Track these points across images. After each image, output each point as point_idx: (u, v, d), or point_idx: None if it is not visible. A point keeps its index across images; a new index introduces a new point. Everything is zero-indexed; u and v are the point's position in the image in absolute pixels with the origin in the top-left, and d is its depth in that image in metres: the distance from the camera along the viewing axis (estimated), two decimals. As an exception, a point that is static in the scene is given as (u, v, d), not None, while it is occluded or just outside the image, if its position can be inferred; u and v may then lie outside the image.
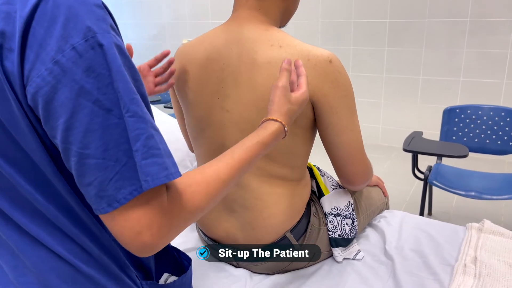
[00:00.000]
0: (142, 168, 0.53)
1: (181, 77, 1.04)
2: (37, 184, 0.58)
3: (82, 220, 0.62)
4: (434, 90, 3.47)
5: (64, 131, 0.52)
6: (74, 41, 0.51)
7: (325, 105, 0.92)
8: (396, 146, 3.56)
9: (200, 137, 1.06)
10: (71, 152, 0.53)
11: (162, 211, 0.57)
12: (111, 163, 0.52)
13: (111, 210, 0.54)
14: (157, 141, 0.56)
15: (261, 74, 0.91)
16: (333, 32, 3.70)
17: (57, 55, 0.50)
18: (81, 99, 0.51)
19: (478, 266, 1.00)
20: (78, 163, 0.53)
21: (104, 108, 0.52)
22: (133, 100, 0.54)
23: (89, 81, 0.51)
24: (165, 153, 0.56)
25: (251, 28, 0.95)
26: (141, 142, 0.53)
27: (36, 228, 0.60)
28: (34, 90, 0.51)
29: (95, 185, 0.53)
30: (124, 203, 0.53)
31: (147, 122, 0.55)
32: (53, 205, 0.60)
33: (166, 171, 0.55)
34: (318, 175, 1.15)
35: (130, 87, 0.54)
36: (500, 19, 3.09)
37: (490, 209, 2.51)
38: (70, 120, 0.51)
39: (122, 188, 0.53)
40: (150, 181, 0.53)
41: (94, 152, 0.52)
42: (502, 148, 2.26)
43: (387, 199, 1.37)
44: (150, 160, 0.54)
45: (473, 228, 1.17)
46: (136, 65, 0.63)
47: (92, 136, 0.52)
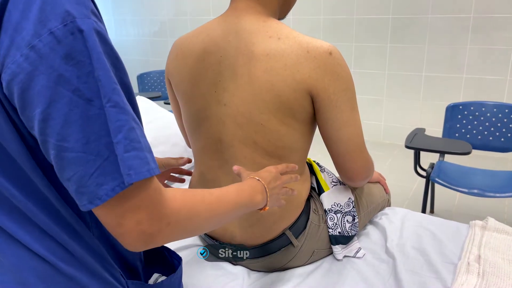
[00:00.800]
0: (124, 161, 0.50)
1: (178, 70, 1.02)
2: (14, 179, 0.55)
3: (63, 217, 0.59)
4: (437, 87, 3.43)
5: (41, 122, 0.49)
6: (52, 26, 0.48)
7: (324, 98, 0.90)
8: (398, 144, 3.53)
9: (197, 131, 1.03)
10: (49, 144, 0.50)
11: (151, 204, 0.54)
12: (92, 157, 0.49)
13: (93, 207, 0.51)
14: (138, 134, 0.53)
15: (259, 66, 0.89)
16: (335, 28, 3.67)
17: (34, 39, 0.47)
18: (59, 88, 0.48)
19: (482, 265, 0.98)
20: (57, 157, 0.50)
21: (84, 98, 0.49)
22: (115, 90, 0.51)
23: (68, 68, 0.48)
24: (146, 148, 0.54)
25: (249, 20, 0.93)
26: (122, 134, 0.51)
27: (13, 225, 0.57)
28: (9, 77, 0.48)
29: (75, 180, 0.50)
30: (106, 200, 0.50)
31: (128, 113, 0.52)
32: (32, 201, 0.56)
33: (147, 165, 0.53)
34: (318, 171, 1.12)
35: (111, 75, 0.51)
36: (504, 15, 3.06)
37: (493, 207, 2.49)
38: (47, 110, 0.48)
39: (104, 184, 0.50)
40: (133, 175, 0.51)
41: (74, 145, 0.49)
42: (505, 145, 2.23)
43: (388, 196, 1.35)
44: (132, 153, 0.51)
45: (476, 226, 1.15)
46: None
47: (72, 127, 0.49)
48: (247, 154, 0.97)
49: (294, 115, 0.92)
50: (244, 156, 0.97)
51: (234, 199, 0.72)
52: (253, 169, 0.98)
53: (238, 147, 0.97)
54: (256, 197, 0.78)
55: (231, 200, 0.72)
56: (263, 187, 0.80)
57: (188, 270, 1.04)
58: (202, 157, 1.05)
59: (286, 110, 0.91)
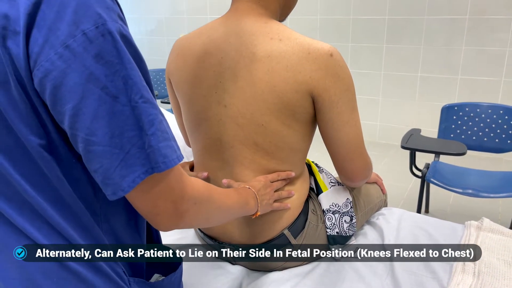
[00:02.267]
0: (159, 150, 0.55)
1: (178, 70, 1.02)
2: (27, 173, 0.57)
3: (73, 212, 0.61)
4: (433, 88, 3.46)
5: (71, 117, 0.52)
6: (85, 27, 0.51)
7: (325, 99, 0.91)
8: (394, 144, 3.55)
9: (197, 132, 1.04)
10: (79, 138, 0.53)
11: (180, 187, 0.60)
12: (116, 150, 0.53)
13: (116, 198, 0.55)
14: (165, 125, 0.58)
15: (261, 68, 0.90)
16: (332, 29, 3.68)
17: (68, 39, 0.50)
18: (89, 85, 0.51)
19: (477, 265, 0.99)
20: (85, 150, 0.54)
21: (110, 95, 0.52)
22: (145, 87, 0.55)
23: (98, 67, 0.52)
24: (172, 137, 0.59)
25: (250, 21, 0.93)
26: (156, 126, 0.55)
27: (22, 220, 0.59)
28: (42, 74, 0.51)
29: (101, 172, 0.54)
30: (128, 191, 0.55)
31: (157, 108, 0.57)
32: (42, 196, 0.58)
33: (176, 153, 0.58)
34: (316, 171, 1.13)
35: (139, 74, 0.55)
36: (499, 17, 3.08)
37: (487, 207, 2.51)
38: (79, 105, 0.52)
39: (126, 176, 0.54)
40: (167, 162, 0.56)
41: (101, 139, 0.53)
42: (500, 146, 2.26)
43: (385, 196, 1.36)
44: (164, 143, 0.56)
45: (472, 226, 1.17)
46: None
47: (99, 122, 0.52)
48: (247, 155, 0.97)
49: (295, 116, 0.93)
50: (244, 157, 0.98)
51: (236, 198, 0.82)
52: (253, 170, 0.99)
53: (239, 148, 0.98)
54: (250, 201, 0.88)
55: (234, 197, 0.81)
56: (254, 194, 0.90)
57: (187, 270, 1.04)
58: (202, 157, 1.05)
59: (287, 111, 0.92)
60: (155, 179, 0.57)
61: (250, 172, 0.99)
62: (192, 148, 1.10)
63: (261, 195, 0.92)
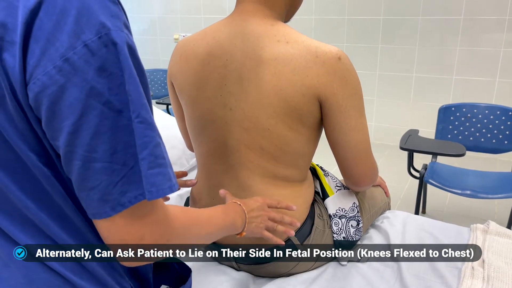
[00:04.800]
0: (147, 178, 0.51)
1: (181, 72, 1.00)
2: (29, 190, 0.54)
3: (77, 227, 0.59)
4: (427, 88, 3.47)
5: (70, 134, 0.48)
6: (86, 38, 0.47)
7: (333, 103, 0.89)
8: (389, 144, 3.55)
9: (201, 135, 1.01)
10: (75, 155, 0.49)
11: (163, 219, 0.57)
12: (118, 166, 0.50)
13: (114, 214, 0.52)
14: (163, 150, 0.54)
15: (268, 70, 0.88)
16: (326, 29, 3.67)
17: (68, 52, 0.47)
18: (91, 100, 0.48)
19: (486, 269, 0.98)
20: (82, 167, 0.50)
21: (114, 109, 0.49)
22: (144, 106, 0.51)
23: (101, 81, 0.48)
24: (169, 164, 0.55)
25: (256, 23, 0.91)
26: (148, 151, 0.51)
27: (25, 238, 0.56)
28: (38, 88, 0.47)
29: (100, 189, 0.51)
30: (128, 207, 0.52)
31: (155, 129, 0.53)
32: (45, 212, 0.56)
33: (169, 182, 0.54)
34: (322, 175, 1.11)
35: (141, 91, 0.51)
36: (493, 17, 3.10)
37: (483, 207, 2.52)
38: (79, 122, 0.48)
39: (128, 192, 0.51)
40: (154, 192, 0.52)
41: (102, 156, 0.49)
42: (496, 147, 2.26)
43: (388, 199, 1.35)
44: (156, 170, 0.52)
45: (478, 229, 1.16)
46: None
47: (101, 138, 0.49)
48: (253, 159, 0.95)
49: (302, 120, 0.91)
50: (250, 161, 0.96)
51: (220, 222, 0.76)
52: (259, 175, 0.97)
53: (244, 152, 0.95)
54: (237, 221, 0.82)
55: (218, 222, 0.76)
56: (244, 212, 0.84)
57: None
58: (206, 161, 1.03)
59: (294, 115, 0.90)
60: (143, 206, 0.54)
61: (256, 176, 0.97)
62: (196, 152, 1.08)
63: (251, 216, 0.85)
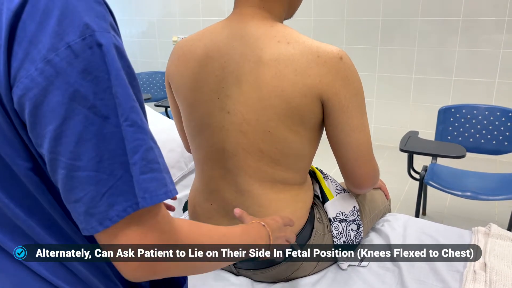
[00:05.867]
0: (140, 184, 0.48)
1: (179, 74, 0.98)
2: (17, 198, 0.52)
3: (68, 236, 0.56)
4: (426, 89, 3.46)
5: (53, 140, 0.46)
6: (69, 39, 0.45)
7: (335, 104, 0.88)
8: (388, 145, 3.54)
9: (198, 139, 1.00)
10: (59, 163, 0.47)
11: (159, 232, 0.52)
12: (105, 176, 0.47)
13: (102, 229, 0.48)
14: (156, 154, 0.51)
15: (268, 72, 0.86)
16: (325, 30, 3.67)
17: (50, 53, 0.45)
18: (74, 104, 0.45)
19: (488, 273, 0.97)
20: (66, 176, 0.47)
21: (100, 115, 0.46)
22: (133, 108, 0.49)
23: (85, 84, 0.45)
24: (164, 168, 0.52)
25: (255, 25, 0.90)
26: (139, 155, 0.48)
27: (14, 245, 0.54)
28: (21, 92, 0.45)
29: (85, 201, 0.47)
30: (116, 221, 0.48)
31: (147, 132, 0.50)
32: (35, 220, 0.54)
33: (165, 187, 0.50)
34: (321, 179, 1.10)
35: (129, 93, 0.49)
36: (492, 18, 3.10)
37: (483, 209, 2.51)
38: (61, 127, 0.45)
39: (116, 204, 0.47)
40: (148, 198, 0.48)
41: (86, 164, 0.46)
42: (496, 148, 2.25)
43: (389, 202, 1.34)
44: (149, 175, 0.49)
45: (479, 232, 1.15)
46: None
47: (85, 146, 0.46)
48: (251, 163, 0.94)
49: (303, 121, 0.90)
50: (248, 165, 0.94)
51: (237, 242, 0.69)
52: (258, 179, 0.95)
53: (242, 156, 0.94)
54: (259, 242, 0.75)
55: (235, 242, 0.68)
56: (268, 234, 0.77)
57: (189, 281, 1.00)
58: (204, 166, 1.02)
59: (296, 116, 0.88)
60: (128, 218, 0.49)
61: (254, 180, 0.96)
62: (193, 156, 1.06)
63: (275, 238, 0.79)
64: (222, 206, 1.01)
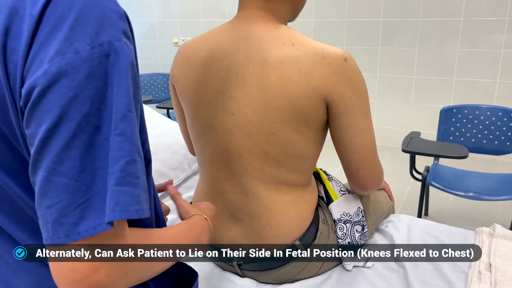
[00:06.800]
0: (112, 194, 0.46)
1: (183, 76, 0.99)
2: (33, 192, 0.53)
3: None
4: (428, 90, 3.46)
5: (42, 140, 0.45)
6: (79, 45, 0.45)
7: (340, 105, 0.88)
8: (390, 146, 3.54)
9: (202, 141, 1.00)
10: (42, 165, 0.46)
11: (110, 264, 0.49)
12: (84, 187, 0.46)
13: (69, 241, 0.46)
14: (138, 169, 0.49)
15: (273, 73, 0.87)
16: (326, 31, 3.67)
17: (57, 56, 0.45)
18: (71, 109, 0.45)
19: (493, 273, 0.97)
20: (45, 179, 0.46)
21: (92, 124, 0.46)
22: (125, 118, 0.48)
23: (85, 91, 0.46)
24: (143, 186, 0.50)
25: (259, 27, 0.90)
26: (119, 165, 0.47)
27: (34, 243, 0.55)
28: (25, 91, 0.46)
29: (58, 208, 0.45)
30: (84, 237, 0.45)
31: (134, 144, 0.49)
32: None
33: (138, 205, 0.48)
34: (326, 180, 1.10)
35: (126, 102, 0.48)
36: (493, 19, 3.10)
37: (485, 209, 2.51)
38: (53, 129, 0.45)
39: (88, 218, 0.46)
40: (117, 211, 0.46)
41: (68, 171, 0.45)
42: (498, 148, 2.25)
43: (392, 203, 1.34)
44: (125, 187, 0.47)
45: (483, 232, 1.15)
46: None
47: (71, 152, 0.45)
48: (256, 165, 0.94)
49: (308, 122, 0.90)
50: (253, 166, 0.94)
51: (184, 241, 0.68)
52: (262, 180, 0.95)
53: (247, 157, 0.94)
54: (202, 238, 0.75)
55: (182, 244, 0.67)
56: (209, 227, 0.78)
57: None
58: (208, 168, 1.02)
59: (300, 118, 0.89)
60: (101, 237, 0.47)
61: (259, 182, 0.96)
62: (197, 158, 1.06)
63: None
64: (227, 207, 1.01)
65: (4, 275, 0.59)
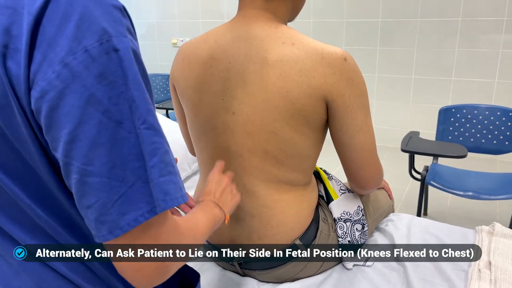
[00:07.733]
0: (160, 186, 0.48)
1: (183, 76, 0.99)
2: (38, 198, 0.53)
3: (87, 236, 0.57)
4: (426, 90, 3.47)
5: (67, 144, 0.46)
6: (87, 43, 0.46)
7: (340, 104, 0.88)
8: (389, 146, 3.55)
9: (203, 141, 1.01)
10: (73, 168, 0.47)
11: (169, 236, 0.53)
12: (117, 183, 0.47)
13: (112, 238, 0.48)
14: (171, 158, 0.52)
15: (273, 72, 0.87)
16: (325, 32, 3.68)
17: (68, 57, 0.45)
18: (89, 108, 0.46)
19: (493, 272, 0.97)
20: (79, 182, 0.47)
21: (114, 120, 0.47)
22: (150, 112, 0.49)
23: (101, 88, 0.46)
24: (178, 172, 0.53)
25: (259, 26, 0.91)
26: (158, 157, 0.49)
27: (34, 243, 0.55)
28: (38, 94, 0.46)
29: (97, 207, 0.47)
30: (127, 231, 0.48)
31: (163, 136, 0.51)
32: (55, 220, 0.54)
33: (181, 191, 0.51)
34: (326, 179, 1.11)
35: (146, 97, 0.49)
36: (491, 19, 3.11)
37: (484, 209, 2.52)
38: (75, 131, 0.46)
39: (127, 213, 0.48)
40: (168, 200, 0.49)
41: (99, 170, 0.47)
42: (497, 148, 2.26)
43: (392, 202, 1.34)
44: (167, 177, 0.50)
45: (483, 231, 1.15)
46: None
47: (98, 150, 0.46)
48: (256, 164, 0.94)
49: (308, 122, 0.90)
50: (254, 166, 0.95)
51: (205, 219, 0.73)
52: (263, 180, 0.96)
53: (247, 157, 0.94)
54: (216, 213, 0.78)
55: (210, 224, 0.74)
56: (214, 202, 0.81)
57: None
58: (209, 167, 1.02)
59: (300, 117, 0.89)
60: (149, 225, 0.50)
61: (259, 182, 0.96)
62: (198, 158, 1.07)
63: (219, 197, 0.83)
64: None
65: (7, 275, 0.59)
